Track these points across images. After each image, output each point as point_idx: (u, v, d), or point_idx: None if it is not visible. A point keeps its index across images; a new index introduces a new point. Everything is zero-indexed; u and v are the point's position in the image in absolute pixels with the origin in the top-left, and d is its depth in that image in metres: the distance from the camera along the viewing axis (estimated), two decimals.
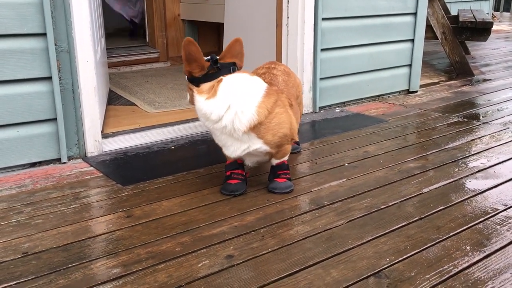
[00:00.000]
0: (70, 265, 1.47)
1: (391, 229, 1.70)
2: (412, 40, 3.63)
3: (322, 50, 3.14)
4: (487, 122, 2.98)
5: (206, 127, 1.94)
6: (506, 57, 5.43)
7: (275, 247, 1.58)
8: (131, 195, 1.97)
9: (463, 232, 1.68)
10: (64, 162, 2.30)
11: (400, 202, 1.91)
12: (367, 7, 3.30)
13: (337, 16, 3.17)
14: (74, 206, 1.87)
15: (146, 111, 3.16)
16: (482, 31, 4.30)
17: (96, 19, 2.91)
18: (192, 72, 1.88)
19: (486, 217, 1.79)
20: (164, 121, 2.91)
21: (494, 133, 2.76)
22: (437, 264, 1.48)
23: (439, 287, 1.37)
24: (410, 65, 3.68)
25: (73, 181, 2.10)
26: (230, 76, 1.88)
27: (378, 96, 3.58)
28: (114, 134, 2.66)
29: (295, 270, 1.46)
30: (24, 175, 2.16)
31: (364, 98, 3.50)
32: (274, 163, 2.02)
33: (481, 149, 2.51)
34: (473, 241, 1.62)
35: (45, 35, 2.15)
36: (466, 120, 3.03)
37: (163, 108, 3.21)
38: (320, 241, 1.63)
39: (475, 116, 3.13)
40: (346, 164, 2.31)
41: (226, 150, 1.95)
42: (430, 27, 4.47)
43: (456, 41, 4.42)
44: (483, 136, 2.72)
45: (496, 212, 1.83)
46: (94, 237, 1.64)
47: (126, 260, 1.50)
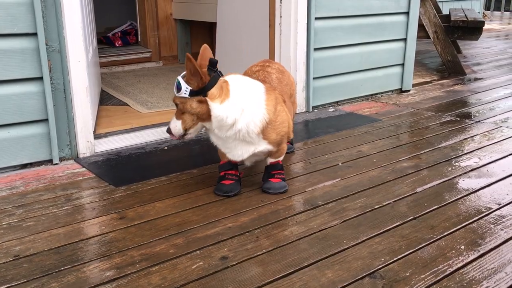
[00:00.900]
0: (63, 268, 1.45)
1: (386, 229, 1.70)
2: (405, 39, 3.63)
3: (315, 50, 3.13)
4: (480, 121, 2.99)
5: (215, 137, 1.88)
6: (497, 56, 5.46)
7: (270, 248, 1.58)
8: (124, 196, 1.95)
9: (457, 232, 1.68)
10: (56, 163, 2.27)
11: (394, 202, 1.91)
12: (360, 7, 3.29)
13: (330, 16, 3.16)
14: (66, 208, 1.85)
15: (139, 111, 3.14)
16: (474, 30, 4.32)
17: (88, 19, 2.89)
18: (199, 83, 1.79)
19: (480, 216, 1.79)
20: (157, 121, 2.89)
21: (487, 132, 2.78)
22: (432, 264, 1.48)
23: (434, 287, 1.37)
24: (403, 64, 3.69)
25: (65, 183, 2.08)
26: (231, 77, 1.88)
27: (371, 95, 3.59)
28: (107, 135, 2.64)
29: (290, 271, 1.45)
30: (15, 177, 2.13)
31: (357, 98, 3.50)
32: (269, 163, 2.02)
33: (474, 148, 2.51)
34: (468, 241, 1.62)
35: (36, 35, 2.13)
36: (459, 119, 3.04)
37: (156, 108, 3.19)
38: (315, 242, 1.62)
39: (468, 115, 3.14)
40: (340, 164, 2.31)
41: (232, 155, 1.91)
42: (422, 26, 4.48)
43: (448, 40, 4.43)
44: (476, 135, 2.73)
45: (490, 211, 1.83)
46: (87, 239, 1.62)
47: (120, 263, 1.49)
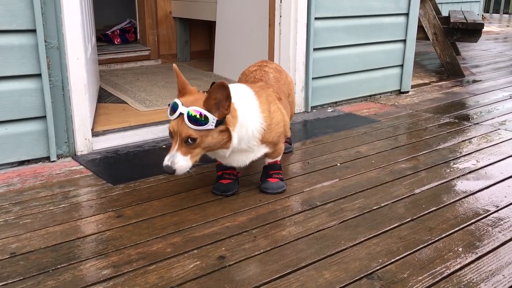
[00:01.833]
0: (59, 266, 1.45)
1: (384, 230, 1.70)
2: (404, 41, 3.63)
3: (315, 50, 3.13)
4: (478, 123, 3.00)
5: (213, 154, 1.83)
6: (496, 58, 5.47)
7: (268, 248, 1.57)
8: (122, 195, 1.94)
9: (455, 234, 1.68)
10: (54, 161, 2.26)
11: (392, 203, 1.91)
12: (360, 7, 3.29)
13: (330, 16, 3.16)
14: (64, 206, 1.84)
15: (137, 109, 3.13)
16: (473, 32, 4.32)
17: (87, 16, 2.88)
18: (225, 112, 1.67)
19: (478, 219, 1.79)
20: (155, 120, 2.88)
21: (485, 134, 2.78)
22: (430, 266, 1.48)
23: None
24: (402, 66, 3.69)
25: (63, 180, 2.07)
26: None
27: (370, 96, 3.59)
28: (105, 133, 2.63)
29: (288, 272, 1.44)
30: (12, 174, 2.12)
31: (356, 98, 3.49)
32: (267, 163, 2.01)
33: (472, 150, 2.51)
34: (465, 243, 1.62)
35: (35, 32, 2.12)
36: (457, 121, 3.05)
37: (154, 107, 3.18)
38: (313, 242, 1.62)
39: (466, 117, 3.14)
40: (339, 164, 2.31)
41: (233, 163, 1.89)
42: (422, 28, 4.48)
43: (447, 42, 4.44)
44: (474, 137, 2.73)
45: (488, 214, 1.83)
46: (84, 238, 1.62)
47: (117, 261, 1.48)
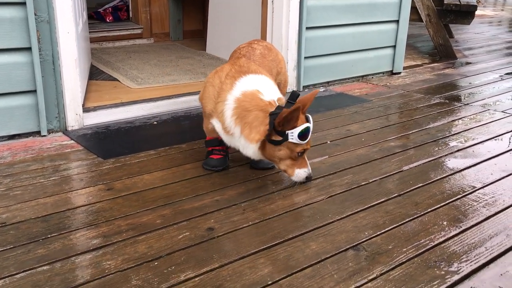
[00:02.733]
0: (49, 236, 1.46)
1: (371, 205, 1.72)
2: (397, 21, 3.63)
3: (308, 29, 3.12)
4: (468, 104, 3.02)
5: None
6: (489, 42, 5.48)
7: (256, 221, 1.59)
8: (112, 169, 1.95)
9: (441, 208, 1.71)
10: (44, 135, 2.26)
11: (380, 179, 1.94)
12: None
13: None
14: (54, 179, 1.85)
15: (129, 87, 3.12)
16: (466, 14, 4.33)
17: None
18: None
19: (464, 194, 1.82)
20: (147, 97, 2.88)
21: (474, 114, 2.80)
22: (414, 238, 1.51)
23: (416, 260, 1.40)
24: (394, 46, 3.69)
25: (53, 154, 2.08)
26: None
27: (362, 77, 3.59)
28: (96, 109, 2.62)
29: (275, 243, 1.47)
30: (3, 147, 2.13)
31: (348, 78, 3.50)
32: None
33: (461, 130, 2.54)
34: (450, 217, 1.65)
35: (25, 4, 2.10)
36: (448, 102, 3.07)
37: (146, 84, 3.17)
38: (301, 216, 1.64)
39: (457, 98, 3.17)
40: (329, 142, 2.32)
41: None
42: (415, 9, 4.47)
43: (440, 24, 4.44)
44: (464, 117, 2.75)
45: (473, 190, 1.86)
46: (74, 209, 1.63)
47: (106, 232, 1.50)
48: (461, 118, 2.73)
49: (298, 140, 1.71)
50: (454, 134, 2.47)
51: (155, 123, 2.51)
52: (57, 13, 2.19)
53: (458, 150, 2.26)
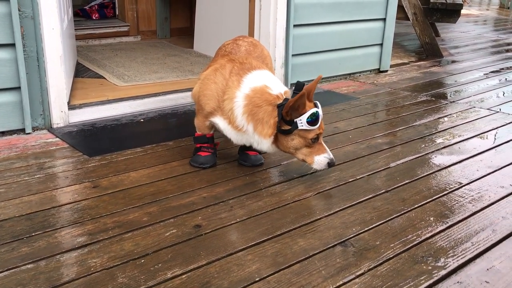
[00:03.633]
0: (34, 234, 1.44)
1: (358, 201, 1.73)
2: (384, 19, 3.65)
3: (295, 26, 3.12)
4: (454, 101, 3.04)
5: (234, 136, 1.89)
6: (474, 40, 5.53)
7: (244, 218, 1.59)
8: (98, 166, 1.93)
9: (428, 204, 1.72)
10: (29, 133, 2.23)
11: (368, 176, 1.94)
12: None
13: None
14: (39, 176, 1.82)
15: (115, 84, 3.09)
16: (452, 13, 4.36)
17: None
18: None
19: (450, 190, 1.83)
20: (133, 94, 2.85)
21: (460, 112, 2.82)
22: (402, 234, 1.52)
23: (403, 255, 1.40)
24: (381, 45, 3.71)
25: (38, 152, 2.05)
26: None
27: (350, 75, 3.60)
28: (81, 106, 2.60)
29: (263, 239, 1.46)
30: None
31: (336, 76, 3.51)
32: None
33: (447, 127, 2.56)
34: (437, 213, 1.66)
35: (8, 0, 2.07)
36: (434, 99, 3.09)
37: (133, 82, 3.15)
38: (289, 212, 1.64)
39: (443, 95, 3.19)
40: None
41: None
42: (402, 8, 4.50)
43: (427, 22, 4.47)
44: (450, 114, 2.77)
45: (460, 186, 1.87)
46: (59, 207, 1.61)
47: (92, 229, 1.48)
48: (447, 116, 2.75)
49: (308, 126, 1.71)
50: (441, 131, 2.49)
51: (142, 121, 2.49)
52: (42, 9, 2.16)
53: (445, 147, 2.27)
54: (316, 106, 1.77)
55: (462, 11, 4.49)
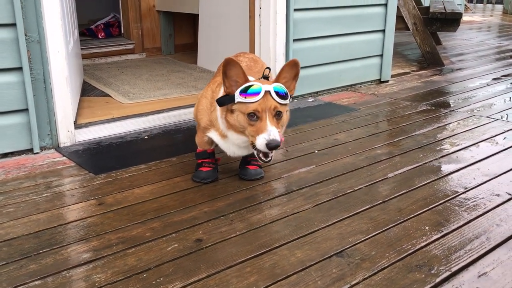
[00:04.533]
0: (41, 251, 1.50)
1: (355, 212, 1.77)
2: (383, 31, 3.70)
3: (295, 41, 3.18)
4: (454, 110, 3.08)
5: (227, 144, 1.92)
6: (476, 48, 5.56)
7: (243, 231, 1.64)
8: (104, 184, 2.00)
9: (424, 214, 1.76)
10: (37, 153, 2.31)
11: (366, 187, 1.98)
12: None
13: (309, 7, 3.22)
14: (46, 195, 1.89)
15: (121, 102, 3.17)
16: (452, 22, 4.41)
17: (68, 10, 2.91)
18: (292, 91, 1.86)
19: (446, 199, 1.87)
20: (139, 112, 2.93)
21: (460, 120, 2.86)
22: (397, 243, 1.56)
23: (397, 264, 1.44)
24: (381, 55, 3.76)
25: (46, 171, 2.12)
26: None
27: (350, 86, 3.66)
28: (87, 125, 2.67)
29: (261, 252, 1.51)
30: None
31: (337, 88, 3.56)
32: None
33: (447, 136, 2.59)
34: (432, 222, 1.70)
35: (15, 26, 2.16)
36: (434, 108, 3.13)
37: (138, 99, 3.22)
38: (287, 224, 1.68)
39: (443, 104, 3.23)
40: (316, 152, 2.37)
41: (232, 154, 1.96)
42: (402, 18, 4.56)
43: (427, 32, 4.51)
44: (449, 123, 2.81)
45: (456, 195, 1.91)
46: (66, 224, 1.67)
47: (97, 246, 1.54)
48: (447, 125, 2.79)
49: (240, 98, 1.69)
50: (439, 140, 2.52)
51: (146, 138, 2.56)
52: (47, 33, 2.25)
53: (443, 156, 2.31)
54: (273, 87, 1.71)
55: (465, 18, 4.55)
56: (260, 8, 3.14)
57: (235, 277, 1.38)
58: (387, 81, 3.86)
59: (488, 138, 2.54)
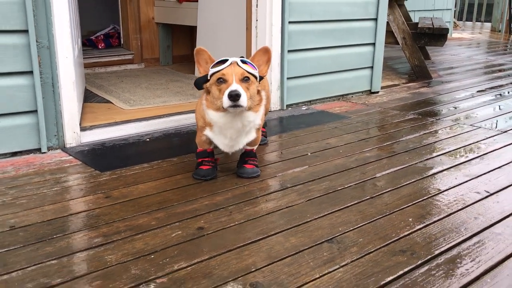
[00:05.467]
0: (55, 236, 1.62)
1: (345, 206, 1.91)
2: (373, 44, 3.88)
3: (289, 52, 3.35)
4: (440, 118, 3.25)
5: (216, 134, 2.09)
6: (463, 62, 5.78)
7: (242, 221, 1.77)
8: (109, 180, 2.12)
9: (408, 208, 1.90)
10: (44, 152, 2.43)
11: (355, 185, 2.12)
12: (331, 12, 3.53)
13: (303, 20, 3.39)
14: (56, 189, 2.01)
15: (122, 108, 3.30)
16: (439, 37, 4.61)
17: (74, 19, 3.06)
18: (264, 74, 2.14)
19: (430, 196, 2.01)
20: (140, 116, 3.06)
21: (445, 128, 3.02)
22: (383, 232, 1.69)
23: (383, 249, 1.58)
24: (372, 67, 3.94)
25: (54, 168, 2.24)
26: None
27: (342, 96, 3.82)
28: (92, 127, 2.80)
29: (259, 238, 1.64)
30: (6, 163, 2.29)
31: (329, 97, 3.73)
32: (244, 150, 2.21)
33: (432, 141, 2.75)
34: (416, 214, 1.84)
35: (27, 32, 2.30)
36: (421, 117, 3.29)
37: (138, 106, 3.36)
38: (282, 216, 1.82)
39: (430, 113, 3.39)
40: (309, 154, 2.52)
41: (227, 149, 2.13)
42: (392, 33, 4.75)
43: (416, 46, 4.71)
44: (435, 130, 2.97)
45: (439, 192, 2.06)
46: (76, 214, 1.80)
47: (106, 232, 1.66)
48: (433, 132, 2.95)
49: (213, 70, 1.95)
50: (425, 145, 2.68)
51: (148, 140, 2.69)
52: (57, 40, 2.39)
53: (428, 159, 2.46)
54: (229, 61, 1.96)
55: (455, 35, 4.75)
56: (257, 21, 3.30)
57: (235, 259, 1.51)
58: (377, 92, 4.03)
59: (470, 144, 2.70)
